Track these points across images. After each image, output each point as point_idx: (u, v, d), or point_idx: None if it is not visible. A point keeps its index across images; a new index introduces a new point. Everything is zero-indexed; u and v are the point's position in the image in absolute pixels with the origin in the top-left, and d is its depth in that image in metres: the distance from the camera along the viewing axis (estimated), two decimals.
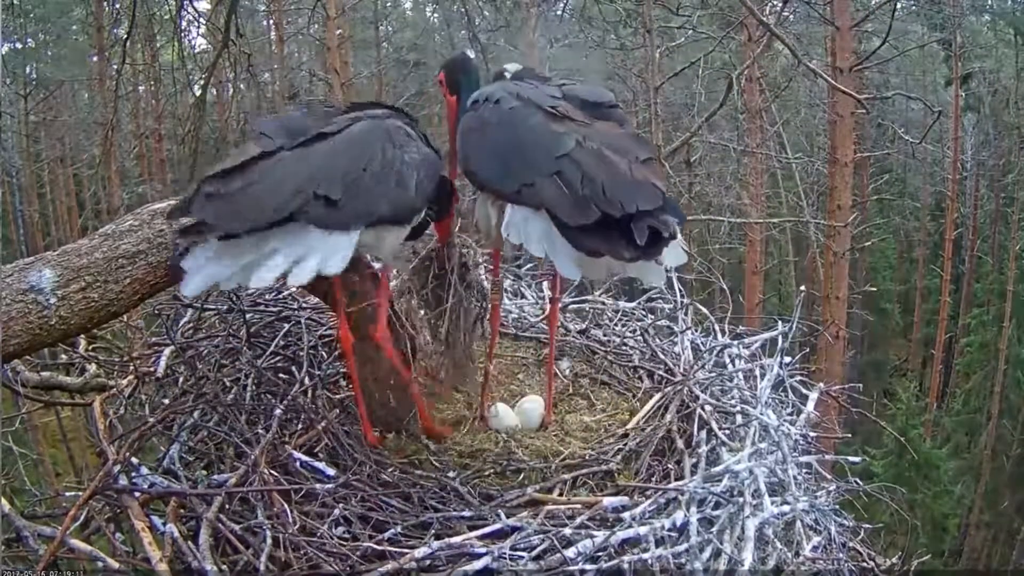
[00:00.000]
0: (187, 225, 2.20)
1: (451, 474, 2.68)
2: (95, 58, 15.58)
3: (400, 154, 2.51)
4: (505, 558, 2.25)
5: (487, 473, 2.74)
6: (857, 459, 3.38)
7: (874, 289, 17.87)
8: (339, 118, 2.57)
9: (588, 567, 2.28)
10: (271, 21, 19.19)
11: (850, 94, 8.38)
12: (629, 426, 3.07)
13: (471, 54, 3.08)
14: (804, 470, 3.08)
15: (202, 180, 2.25)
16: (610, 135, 2.51)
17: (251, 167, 2.29)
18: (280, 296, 3.67)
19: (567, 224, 2.28)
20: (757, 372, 3.45)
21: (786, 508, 2.72)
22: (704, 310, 4.02)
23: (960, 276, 21.24)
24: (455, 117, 2.91)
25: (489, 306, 3.15)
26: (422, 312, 3.12)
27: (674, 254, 2.43)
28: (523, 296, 4.28)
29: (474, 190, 2.87)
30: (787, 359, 3.49)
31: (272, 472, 2.51)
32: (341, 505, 2.45)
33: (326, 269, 2.27)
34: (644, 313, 4.02)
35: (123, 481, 2.47)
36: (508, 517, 2.43)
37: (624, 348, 3.80)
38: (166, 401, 3.14)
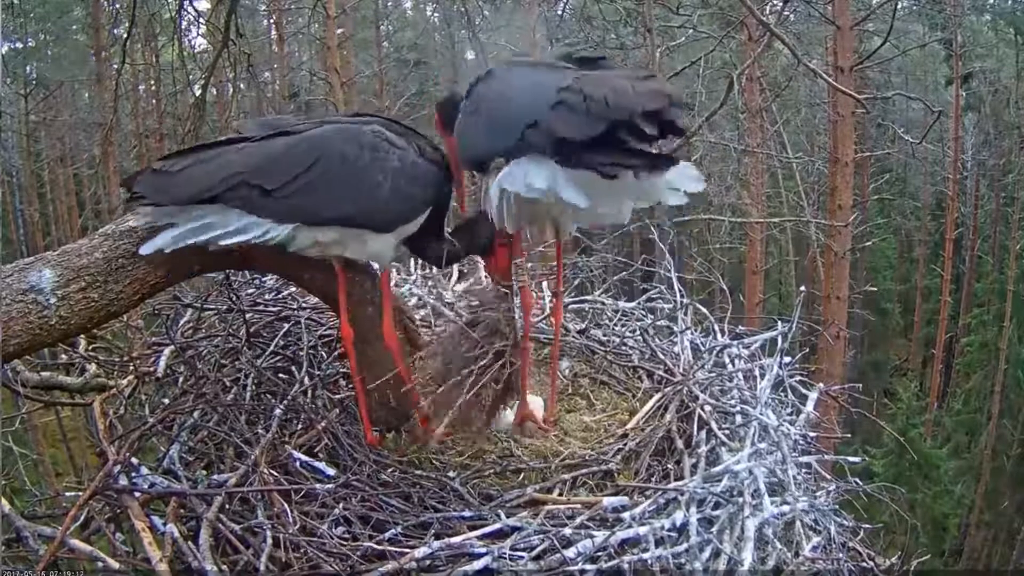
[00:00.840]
0: (129, 196, 2.45)
1: (451, 474, 2.68)
2: (94, 58, 15.58)
3: (368, 158, 2.50)
4: (505, 558, 2.25)
5: (487, 473, 2.74)
6: (857, 459, 3.38)
7: (874, 289, 17.85)
8: (313, 120, 2.61)
9: (588, 567, 2.28)
10: (271, 21, 19.18)
11: (850, 94, 8.38)
12: (629, 426, 3.07)
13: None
14: (804, 470, 3.08)
15: (156, 159, 2.50)
16: (606, 72, 2.46)
17: (199, 152, 2.48)
18: (280, 296, 3.67)
19: (575, 141, 2.20)
20: (757, 372, 3.45)
21: (786, 508, 2.72)
22: (704, 310, 4.01)
23: (960, 276, 21.23)
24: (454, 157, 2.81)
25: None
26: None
27: (689, 179, 2.39)
28: None
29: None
30: (787, 359, 3.49)
31: (272, 472, 2.52)
32: (341, 505, 2.45)
33: (234, 239, 2.46)
34: (644, 313, 4.02)
35: (123, 481, 2.47)
36: (508, 517, 2.43)
37: (624, 348, 3.80)
38: (166, 401, 3.14)
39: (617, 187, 2.29)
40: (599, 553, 2.33)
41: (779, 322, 3.67)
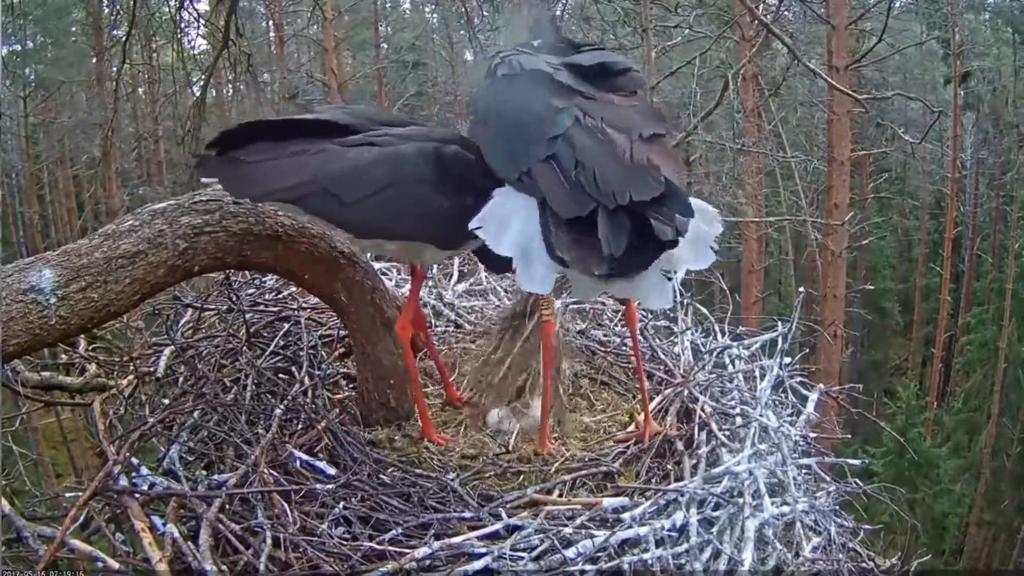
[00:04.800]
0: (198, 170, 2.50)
1: (451, 475, 2.68)
2: (94, 60, 15.58)
3: (444, 181, 2.52)
4: (505, 558, 2.25)
5: (487, 474, 2.74)
6: (857, 462, 3.37)
7: (871, 287, 17.86)
8: (397, 131, 2.62)
9: (588, 567, 2.28)
10: (271, 22, 19.19)
11: (848, 93, 8.37)
12: (629, 429, 3.07)
13: None
14: (804, 471, 3.08)
15: (238, 133, 2.49)
16: (616, 108, 2.30)
17: (278, 143, 2.48)
18: (280, 296, 3.67)
19: (558, 216, 2.06)
20: (757, 373, 3.45)
21: (786, 509, 2.72)
22: (704, 310, 4.01)
23: (960, 275, 21.24)
24: None
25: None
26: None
27: (702, 254, 2.25)
28: None
29: None
30: (787, 359, 3.49)
31: (272, 472, 2.51)
32: (341, 505, 2.45)
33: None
34: (644, 313, 4.01)
35: (123, 481, 2.47)
36: (508, 518, 2.43)
37: (624, 348, 3.80)
38: (166, 401, 3.13)
39: (583, 279, 2.19)
40: (599, 553, 2.32)
41: (779, 322, 3.67)
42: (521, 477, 2.74)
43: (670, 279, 2.23)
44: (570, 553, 2.28)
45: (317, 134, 2.54)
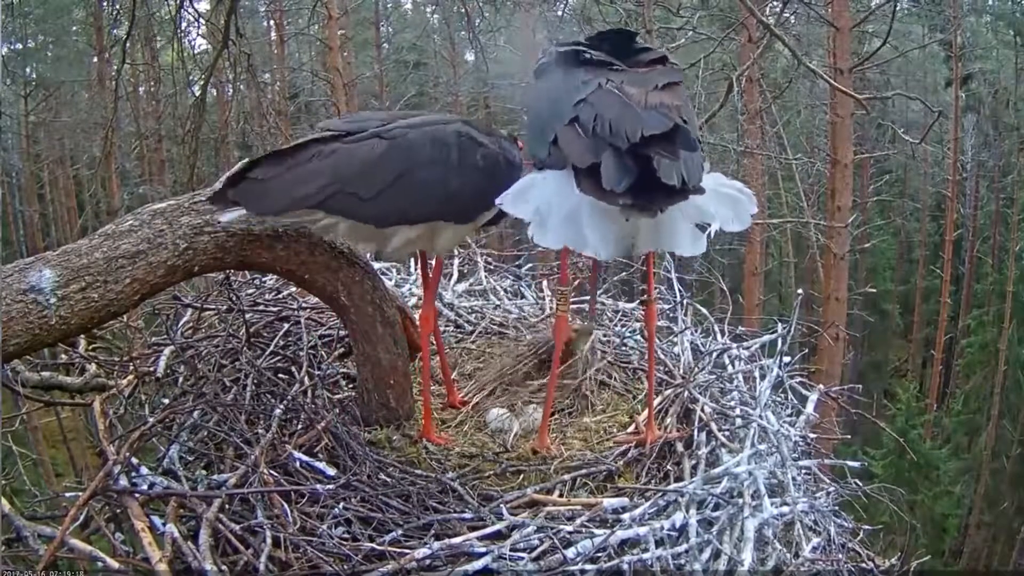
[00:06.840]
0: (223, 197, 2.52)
1: (450, 475, 2.68)
2: (95, 59, 15.58)
3: (456, 158, 2.64)
4: (505, 558, 2.25)
5: (487, 474, 2.74)
6: (856, 463, 3.37)
7: (874, 290, 17.85)
8: (402, 123, 2.69)
9: (588, 567, 2.28)
10: (271, 21, 19.19)
11: (850, 94, 8.37)
12: (630, 430, 3.07)
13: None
14: (803, 471, 3.08)
15: (249, 164, 2.55)
16: (637, 73, 2.40)
17: (288, 157, 2.55)
18: (280, 296, 3.67)
19: (579, 169, 2.14)
20: (756, 373, 3.45)
21: (785, 509, 2.72)
22: (704, 311, 4.01)
23: (960, 277, 21.22)
24: None
25: None
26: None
27: (740, 217, 2.31)
28: (523, 296, 4.28)
29: None
30: (786, 359, 3.49)
31: (272, 472, 2.51)
32: (341, 505, 2.45)
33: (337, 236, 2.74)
34: (644, 313, 4.01)
35: (123, 481, 2.47)
36: (509, 517, 2.43)
37: (624, 348, 3.79)
38: (166, 401, 3.13)
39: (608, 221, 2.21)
40: (599, 553, 2.33)
41: (779, 324, 3.66)
42: (521, 477, 2.74)
43: (704, 231, 2.30)
44: (570, 553, 2.29)
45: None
